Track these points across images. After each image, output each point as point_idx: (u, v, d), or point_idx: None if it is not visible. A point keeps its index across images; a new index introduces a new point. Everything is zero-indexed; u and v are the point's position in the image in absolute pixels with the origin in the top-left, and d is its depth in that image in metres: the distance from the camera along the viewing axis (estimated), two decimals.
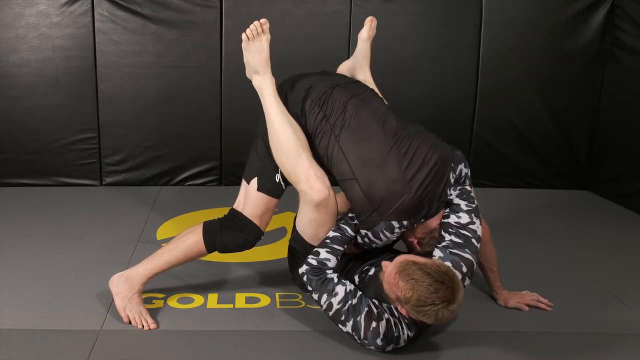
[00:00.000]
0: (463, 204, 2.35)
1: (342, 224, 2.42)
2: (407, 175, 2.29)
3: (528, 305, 2.64)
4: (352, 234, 2.40)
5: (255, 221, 2.47)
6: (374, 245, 2.39)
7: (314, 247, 2.43)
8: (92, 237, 3.33)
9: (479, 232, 2.33)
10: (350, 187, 2.34)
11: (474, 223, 2.32)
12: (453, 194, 2.38)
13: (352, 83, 2.59)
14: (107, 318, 2.44)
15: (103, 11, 4.07)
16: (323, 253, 2.36)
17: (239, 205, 2.50)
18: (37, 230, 3.42)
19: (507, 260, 2.92)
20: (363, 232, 2.36)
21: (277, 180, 2.46)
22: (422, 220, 2.35)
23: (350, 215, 2.44)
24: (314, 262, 2.35)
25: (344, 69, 2.92)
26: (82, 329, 2.36)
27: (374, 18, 2.88)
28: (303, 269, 2.36)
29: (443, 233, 2.32)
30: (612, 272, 3.11)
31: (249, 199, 2.47)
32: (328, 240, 2.39)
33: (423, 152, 2.34)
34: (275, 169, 2.45)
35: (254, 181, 2.47)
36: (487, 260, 2.61)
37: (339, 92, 2.44)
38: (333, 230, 2.41)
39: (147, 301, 2.55)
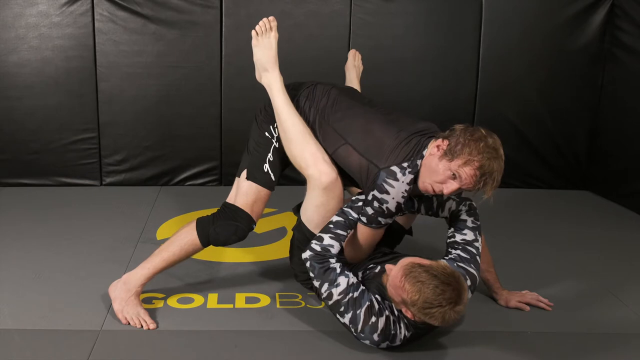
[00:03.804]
0: (469, 221, 2.40)
1: (346, 207, 2.42)
2: (395, 128, 2.37)
3: (528, 305, 2.64)
4: (356, 216, 2.38)
5: (247, 210, 2.51)
6: (384, 206, 2.27)
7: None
8: (92, 237, 3.33)
9: (480, 250, 2.39)
10: (345, 152, 2.41)
11: (477, 241, 2.37)
12: (462, 210, 2.42)
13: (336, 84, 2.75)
14: (107, 318, 2.44)
15: (103, 11, 4.07)
16: (327, 239, 2.35)
17: (231, 198, 2.58)
18: (37, 230, 3.42)
19: (507, 260, 2.92)
20: (370, 196, 2.30)
21: (266, 170, 2.54)
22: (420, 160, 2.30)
23: (353, 198, 2.44)
24: (318, 248, 2.34)
25: None
26: (82, 329, 2.36)
27: (357, 51, 3.06)
28: (306, 254, 2.35)
29: (450, 249, 2.38)
30: (612, 272, 3.11)
31: (240, 189, 2.55)
32: (331, 226, 2.38)
33: (409, 121, 2.45)
34: (264, 160, 2.54)
35: (244, 172, 2.57)
36: (483, 264, 2.61)
37: (321, 86, 2.63)
38: (337, 215, 2.41)
39: (147, 301, 2.55)
